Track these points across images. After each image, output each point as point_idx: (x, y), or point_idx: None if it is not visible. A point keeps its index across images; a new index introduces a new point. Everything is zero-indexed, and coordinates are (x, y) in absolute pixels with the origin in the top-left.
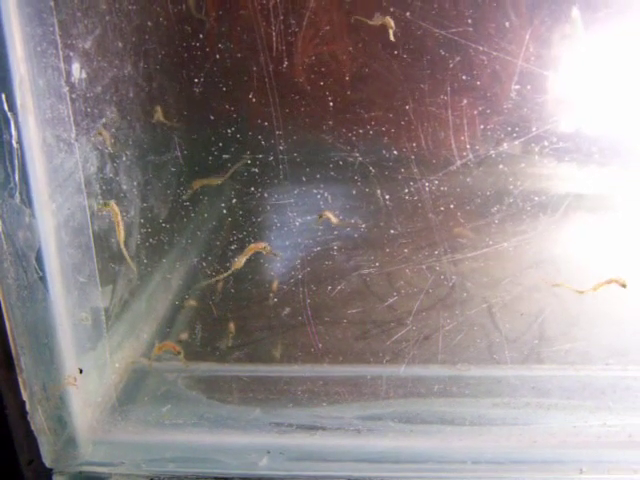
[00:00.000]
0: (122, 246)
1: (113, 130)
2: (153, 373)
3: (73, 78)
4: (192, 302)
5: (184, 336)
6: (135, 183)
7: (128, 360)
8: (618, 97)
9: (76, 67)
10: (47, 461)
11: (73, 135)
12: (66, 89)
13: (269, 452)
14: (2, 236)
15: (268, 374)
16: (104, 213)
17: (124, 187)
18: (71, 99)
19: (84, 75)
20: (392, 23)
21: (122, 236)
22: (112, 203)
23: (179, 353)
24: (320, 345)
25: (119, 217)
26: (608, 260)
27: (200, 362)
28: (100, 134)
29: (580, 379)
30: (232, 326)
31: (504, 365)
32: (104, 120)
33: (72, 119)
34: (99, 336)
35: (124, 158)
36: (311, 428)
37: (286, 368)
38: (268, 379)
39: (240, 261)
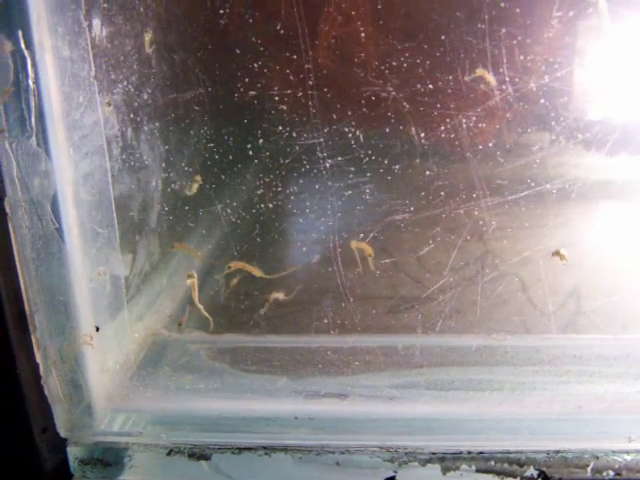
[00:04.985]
0: None
1: (135, 66)
2: (174, 344)
3: (92, 14)
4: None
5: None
6: (157, 124)
7: (149, 331)
8: None
9: (96, 3)
10: (61, 431)
11: (92, 73)
12: (85, 25)
13: (296, 418)
14: (16, 181)
15: (295, 344)
16: None
17: (145, 128)
18: (90, 37)
19: (104, 9)
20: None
21: None
22: None
23: None
24: (351, 299)
25: None
26: None
27: (224, 334)
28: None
29: (622, 348)
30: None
31: (542, 335)
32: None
33: (91, 57)
34: (118, 298)
35: (145, 96)
36: (341, 395)
37: (314, 338)
38: (295, 349)
39: None
